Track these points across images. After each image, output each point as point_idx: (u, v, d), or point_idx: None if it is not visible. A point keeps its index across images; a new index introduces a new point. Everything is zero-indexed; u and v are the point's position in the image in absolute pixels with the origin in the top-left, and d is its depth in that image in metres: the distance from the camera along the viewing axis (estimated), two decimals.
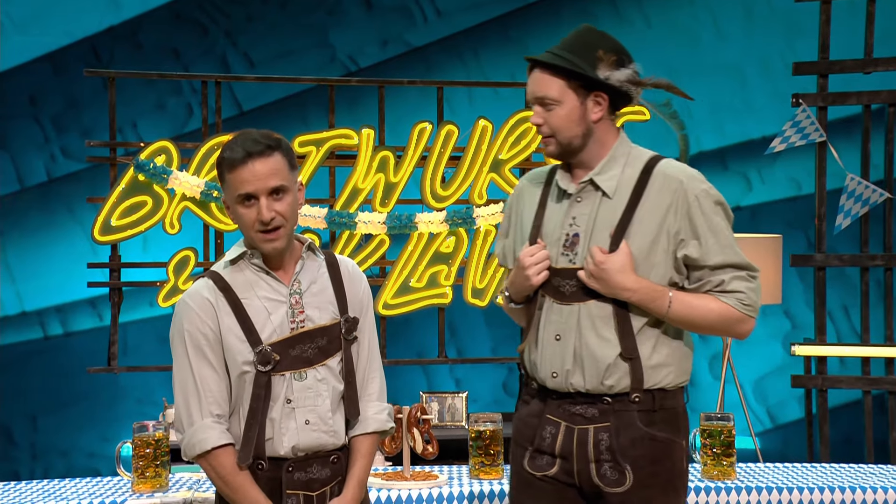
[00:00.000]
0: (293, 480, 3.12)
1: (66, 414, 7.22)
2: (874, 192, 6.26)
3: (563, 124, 3.25)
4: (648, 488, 3.22)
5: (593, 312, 3.22)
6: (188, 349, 3.11)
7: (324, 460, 3.15)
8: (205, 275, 3.19)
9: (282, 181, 3.07)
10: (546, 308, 3.28)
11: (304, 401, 3.12)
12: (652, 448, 3.22)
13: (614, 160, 3.28)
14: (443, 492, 4.00)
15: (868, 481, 4.14)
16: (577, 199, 3.28)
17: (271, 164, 3.06)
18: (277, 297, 3.13)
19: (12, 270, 7.25)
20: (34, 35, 7.24)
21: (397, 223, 6.25)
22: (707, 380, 7.55)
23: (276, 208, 3.06)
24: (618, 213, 3.23)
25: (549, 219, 3.32)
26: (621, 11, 7.65)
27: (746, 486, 4.05)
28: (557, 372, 3.25)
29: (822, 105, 6.39)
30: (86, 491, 3.99)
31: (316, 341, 3.14)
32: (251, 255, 3.14)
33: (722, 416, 4.18)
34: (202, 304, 3.11)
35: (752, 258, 5.83)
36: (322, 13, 7.53)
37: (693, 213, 3.22)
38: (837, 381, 6.40)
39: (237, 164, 3.05)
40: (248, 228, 3.09)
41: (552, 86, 3.24)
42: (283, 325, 3.11)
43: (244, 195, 3.06)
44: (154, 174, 5.99)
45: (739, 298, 3.25)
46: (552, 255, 3.27)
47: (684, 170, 3.30)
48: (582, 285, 3.22)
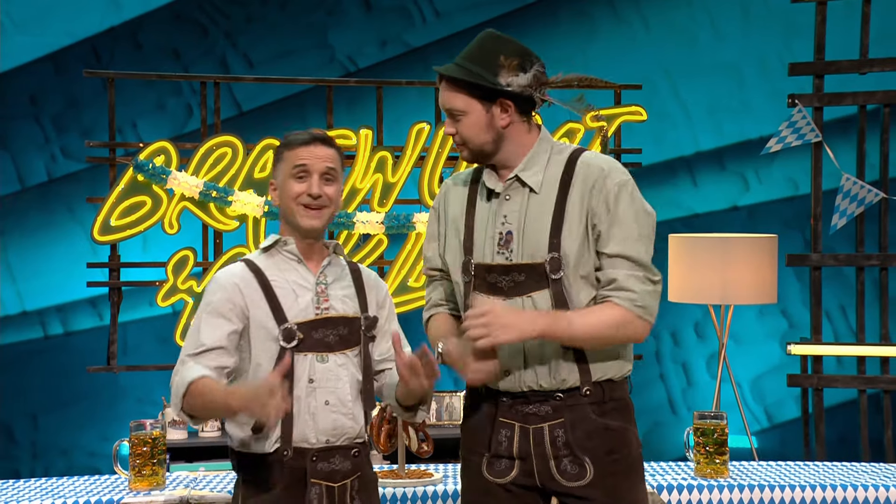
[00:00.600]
0: (317, 470, 3.24)
1: (67, 413, 7.25)
2: (869, 192, 6.29)
3: (471, 133, 3.25)
4: (610, 476, 3.24)
5: (535, 306, 3.22)
6: (203, 312, 3.27)
7: (345, 452, 3.28)
8: (239, 260, 3.37)
9: (335, 167, 3.31)
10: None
11: (325, 382, 3.26)
12: (608, 438, 3.25)
13: (536, 156, 3.29)
14: (437, 490, 4.03)
15: (860, 479, 4.17)
16: (505, 198, 3.28)
17: (330, 152, 3.31)
18: (305, 284, 3.30)
19: (13, 270, 7.29)
20: (35, 35, 7.27)
21: (395, 223, 6.28)
22: (704, 379, 7.58)
23: (325, 189, 3.28)
24: (547, 207, 3.24)
25: (479, 218, 3.32)
26: (619, 12, 7.67)
27: (739, 485, 4.08)
28: (510, 370, 3.25)
29: (818, 105, 6.42)
30: (83, 489, 4.03)
31: (338, 329, 3.29)
32: (283, 243, 3.31)
33: (715, 415, 4.21)
34: (231, 281, 3.28)
35: (748, 258, 5.90)
36: (321, 14, 7.56)
37: (609, 200, 3.22)
38: (833, 381, 6.43)
39: (299, 144, 3.29)
40: (293, 200, 3.27)
41: (456, 98, 3.23)
42: (308, 310, 3.27)
43: (301, 167, 3.27)
44: (153, 174, 6.03)
45: (632, 299, 3.21)
46: (486, 254, 3.27)
47: (607, 160, 3.30)
48: (521, 279, 3.22)
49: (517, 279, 3.24)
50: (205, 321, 3.25)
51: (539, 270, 3.22)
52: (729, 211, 7.65)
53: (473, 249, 3.30)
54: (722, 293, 5.95)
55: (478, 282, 3.28)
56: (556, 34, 7.54)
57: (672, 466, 4.37)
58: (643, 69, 7.40)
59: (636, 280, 3.22)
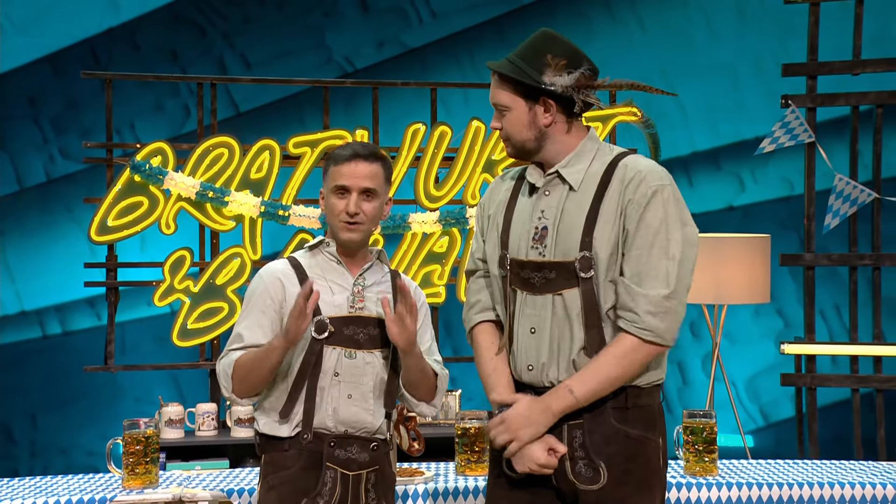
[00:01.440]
0: (333, 456, 3.43)
1: (66, 412, 7.29)
2: (862, 193, 6.32)
3: (514, 129, 3.32)
4: (622, 486, 3.23)
5: (566, 304, 3.24)
6: (246, 308, 3.53)
7: (364, 443, 3.46)
8: (282, 257, 3.64)
9: (375, 185, 3.49)
10: (520, 301, 3.31)
11: (350, 377, 3.45)
12: (626, 445, 3.23)
13: (581, 155, 3.31)
14: (428, 488, 4.06)
15: (848, 477, 4.20)
16: (544, 192, 3.32)
17: (371, 168, 3.49)
18: (343, 283, 3.52)
19: (12, 270, 7.33)
20: (33, 36, 7.31)
21: (391, 223, 6.31)
22: (700, 378, 7.61)
23: (362, 206, 3.48)
24: (584, 205, 3.25)
25: (518, 213, 3.36)
26: (615, 13, 7.70)
27: (728, 483, 4.12)
28: (533, 365, 3.28)
29: (811, 106, 6.44)
30: (77, 487, 4.06)
31: (369, 328, 3.48)
32: (327, 244, 3.55)
33: (704, 413, 4.24)
34: (273, 277, 3.52)
35: (741, 258, 5.93)
36: (319, 15, 7.60)
37: (640, 204, 3.20)
38: (826, 380, 6.45)
39: (342, 160, 3.49)
40: (335, 217, 3.49)
41: (502, 93, 3.32)
42: (343, 307, 3.48)
43: (340, 186, 3.48)
44: (150, 175, 6.06)
45: (634, 321, 3.19)
46: (521, 248, 3.30)
47: (649, 163, 3.28)
48: (552, 276, 3.25)
49: (548, 276, 3.26)
50: (245, 316, 3.50)
51: (570, 268, 3.23)
52: (725, 211, 7.69)
53: (510, 244, 3.35)
54: (715, 293, 5.98)
55: (512, 276, 3.33)
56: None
57: None
58: (639, 70, 7.42)
59: (644, 300, 3.18)
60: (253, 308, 3.50)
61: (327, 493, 3.41)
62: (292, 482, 3.42)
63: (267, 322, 3.48)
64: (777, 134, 6.42)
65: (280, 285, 3.49)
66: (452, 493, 4.05)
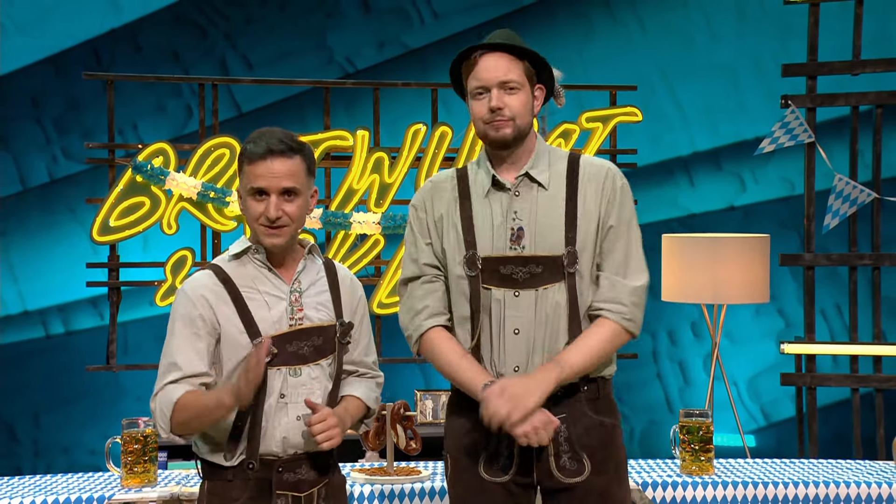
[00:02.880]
0: (282, 481, 3.18)
1: (68, 411, 7.32)
2: (862, 193, 6.33)
3: (522, 110, 3.29)
4: (603, 474, 3.30)
5: (549, 299, 3.26)
6: (174, 330, 3.17)
7: (312, 461, 3.22)
8: (206, 266, 3.25)
9: (295, 184, 3.16)
10: (497, 302, 3.28)
11: (297, 397, 3.18)
12: (602, 434, 3.32)
13: (540, 155, 3.36)
14: (425, 486, 4.08)
15: (844, 476, 4.21)
16: (514, 194, 3.32)
17: (289, 165, 3.14)
18: (278, 294, 3.21)
19: (14, 270, 7.35)
20: (36, 37, 7.33)
21: (392, 223, 6.33)
22: (700, 377, 7.62)
23: (284, 208, 3.15)
24: (559, 203, 3.30)
25: (480, 212, 3.32)
26: (615, 13, 7.72)
27: (723, 481, 4.13)
28: (520, 366, 3.28)
29: (811, 106, 6.45)
30: (76, 486, 4.08)
31: (312, 340, 3.21)
32: (255, 251, 3.23)
33: (700, 413, 4.26)
34: (199, 294, 3.16)
35: (740, 258, 5.94)
36: (320, 15, 7.61)
37: (613, 201, 3.32)
38: (826, 379, 6.46)
39: (256, 159, 3.14)
40: (254, 220, 3.17)
41: (515, 69, 3.27)
42: (282, 321, 3.19)
43: (256, 189, 3.15)
44: (151, 175, 6.08)
45: (622, 313, 3.29)
46: (498, 247, 3.28)
47: (605, 161, 3.40)
48: (538, 270, 3.26)
49: (534, 271, 3.27)
50: (178, 340, 3.15)
51: (557, 263, 3.26)
52: (725, 211, 7.70)
53: (477, 243, 3.30)
54: (714, 293, 5.99)
55: (487, 275, 3.29)
56: (553, 35, 7.59)
57: (658, 464, 4.42)
58: (639, 70, 7.45)
59: (629, 291, 3.29)
60: (183, 331, 3.15)
61: None
62: None
63: (202, 345, 3.15)
64: (777, 134, 6.43)
65: (207, 304, 3.15)
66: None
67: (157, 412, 3.17)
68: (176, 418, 3.12)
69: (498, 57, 3.26)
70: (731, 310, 6.44)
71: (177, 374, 3.14)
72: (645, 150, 6.79)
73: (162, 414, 3.15)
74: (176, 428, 3.15)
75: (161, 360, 3.20)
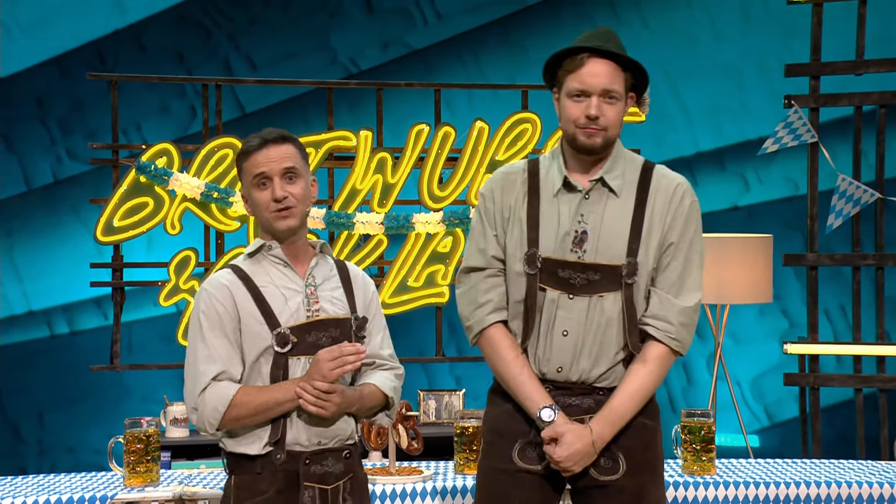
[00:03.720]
0: (310, 473, 3.26)
1: (73, 411, 7.33)
2: (865, 193, 6.33)
3: (616, 121, 3.28)
4: (639, 475, 3.33)
5: (603, 307, 3.28)
6: (202, 326, 3.27)
7: (337, 455, 3.31)
8: (224, 267, 3.37)
9: (294, 164, 3.30)
10: (551, 302, 3.30)
11: None
12: (642, 436, 3.35)
13: (617, 160, 3.35)
14: (427, 486, 4.09)
15: (845, 476, 4.21)
16: (585, 197, 3.31)
17: (284, 150, 3.30)
18: (294, 287, 3.33)
19: (19, 270, 7.37)
20: (40, 38, 7.35)
21: (395, 223, 6.33)
22: (704, 378, 7.62)
23: (288, 189, 3.29)
24: (626, 211, 3.30)
25: (547, 211, 3.33)
26: (619, 13, 7.72)
27: (725, 482, 4.13)
28: (563, 367, 3.31)
29: (814, 106, 6.45)
30: (79, 485, 4.10)
31: (329, 331, 3.31)
32: (269, 248, 3.35)
33: (702, 413, 4.26)
34: (220, 290, 3.29)
35: (743, 258, 5.94)
36: (323, 16, 7.63)
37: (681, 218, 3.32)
38: (829, 380, 6.46)
39: (253, 151, 3.31)
40: (264, 209, 3.30)
41: (619, 80, 3.27)
42: (300, 312, 3.30)
43: (259, 175, 3.29)
44: (155, 176, 6.09)
45: (668, 332, 3.33)
46: (559, 250, 3.29)
47: (678, 175, 3.40)
48: (596, 278, 3.27)
49: (592, 278, 3.28)
50: (210, 336, 3.25)
51: (616, 272, 3.27)
52: (729, 211, 7.70)
53: (539, 242, 3.31)
54: (717, 293, 6.00)
55: (545, 276, 3.30)
56: (557, 35, 7.59)
57: None
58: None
59: (678, 311, 3.32)
60: (210, 327, 3.26)
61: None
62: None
63: (230, 341, 3.26)
64: (780, 134, 6.43)
65: (229, 297, 3.27)
66: (451, 492, 4.08)
67: (207, 409, 3.23)
68: (230, 415, 3.21)
69: (605, 64, 3.25)
70: (735, 310, 6.45)
71: (216, 370, 3.24)
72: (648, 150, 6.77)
73: (214, 410, 3.22)
74: (226, 424, 3.24)
75: (191, 358, 3.28)
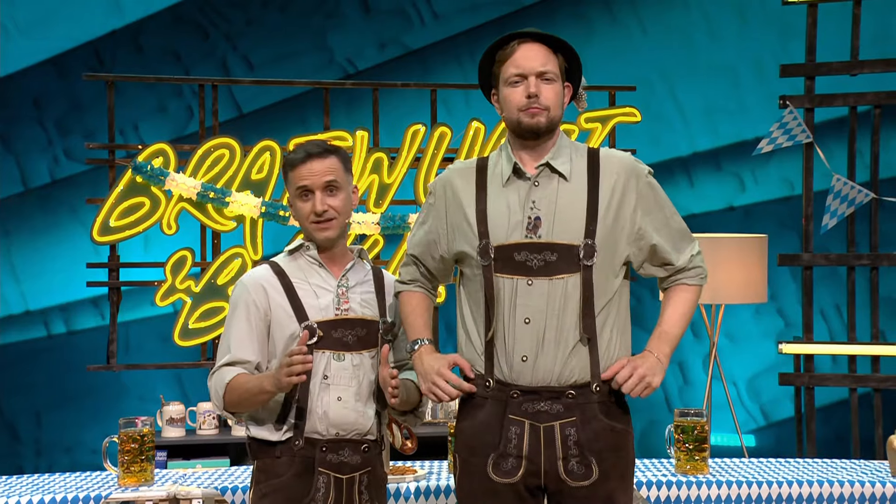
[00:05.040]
0: (325, 461, 3.42)
1: (70, 411, 7.34)
2: (860, 193, 6.34)
3: (556, 101, 3.36)
4: (610, 480, 3.30)
5: (563, 291, 3.27)
6: (232, 315, 3.51)
7: (355, 446, 3.46)
8: (263, 262, 3.59)
9: (335, 178, 3.48)
10: (512, 291, 3.30)
11: (339, 379, 3.45)
12: (613, 439, 3.32)
13: (562, 147, 3.39)
14: (420, 486, 4.10)
15: (838, 475, 4.22)
16: (534, 184, 3.34)
17: (327, 163, 3.48)
18: (326, 286, 3.51)
19: (16, 270, 7.38)
20: (38, 39, 7.36)
21: (391, 224, 6.35)
22: (700, 377, 7.63)
23: (329, 202, 3.47)
24: (580, 195, 3.32)
25: (495, 202, 3.35)
26: (615, 14, 7.73)
27: (717, 481, 4.15)
28: (528, 356, 3.28)
29: (809, 107, 6.47)
30: (73, 485, 4.11)
31: (356, 330, 3.48)
32: (307, 248, 3.54)
33: (695, 412, 4.28)
34: (256, 282, 3.51)
35: (738, 258, 5.97)
36: (320, 16, 7.63)
37: (644, 190, 3.39)
38: (824, 379, 6.48)
39: (297, 163, 3.49)
40: (305, 220, 3.50)
41: (553, 61, 3.35)
42: (329, 309, 3.48)
43: (302, 188, 3.48)
44: (151, 176, 6.11)
45: (700, 275, 3.49)
46: (513, 237, 3.31)
47: (626, 153, 3.47)
48: (552, 258, 3.28)
49: (549, 259, 3.28)
50: (234, 327, 3.49)
51: (573, 252, 3.28)
52: (725, 211, 7.71)
53: (489, 233, 3.32)
54: (712, 293, 6.01)
55: (500, 264, 3.30)
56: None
57: (653, 463, 4.45)
58: (639, 70, 7.46)
59: (696, 257, 3.47)
60: (239, 318, 3.49)
61: (321, 499, 3.41)
62: (285, 490, 3.43)
63: (254, 333, 3.48)
64: (775, 134, 6.45)
65: (263, 292, 3.49)
66: (444, 492, 4.09)
67: (213, 391, 3.49)
68: (227, 398, 3.44)
69: (538, 47, 3.34)
70: (731, 309, 6.46)
71: (229, 358, 3.47)
72: (644, 151, 6.80)
73: (216, 393, 3.47)
74: (228, 406, 3.47)
75: (220, 343, 3.55)
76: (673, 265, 3.44)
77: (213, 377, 3.49)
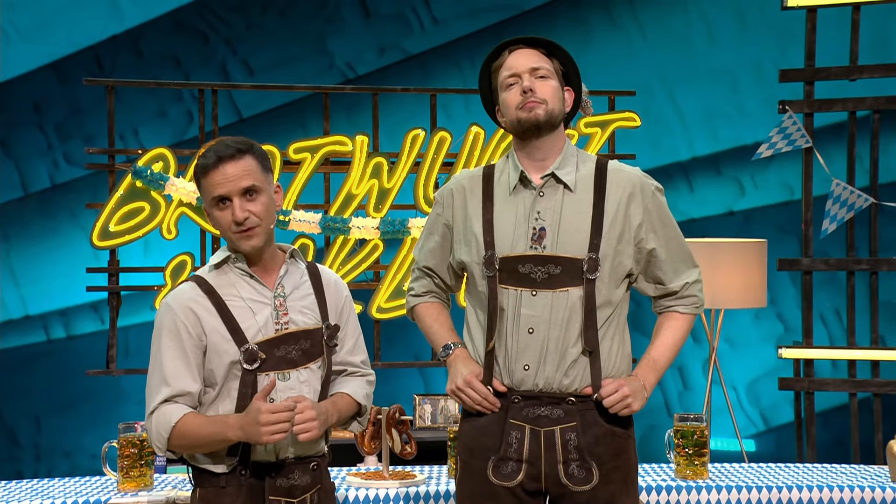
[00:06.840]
0: (275, 487, 3.19)
1: (70, 415, 7.35)
2: (859, 198, 6.35)
3: (554, 95, 3.34)
4: (611, 483, 3.31)
5: (566, 303, 3.28)
6: (161, 344, 3.18)
7: (304, 467, 3.23)
8: (188, 279, 3.25)
9: (254, 181, 3.15)
10: (514, 301, 3.31)
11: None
12: (614, 444, 3.33)
13: (568, 157, 3.38)
14: (420, 491, 4.10)
15: (837, 480, 4.22)
16: (539, 194, 3.34)
17: (242, 165, 3.14)
18: (261, 299, 3.21)
19: (16, 275, 7.39)
20: (38, 44, 7.37)
21: (391, 228, 6.35)
22: (700, 382, 7.63)
23: (249, 208, 3.15)
24: (585, 207, 3.32)
25: (502, 212, 3.35)
26: (615, 18, 7.74)
27: (717, 486, 4.15)
28: (530, 365, 3.29)
29: (809, 112, 6.47)
30: (72, 490, 4.11)
31: (300, 343, 3.21)
32: (235, 259, 3.22)
33: (695, 417, 4.27)
34: (183, 305, 3.17)
35: (737, 263, 5.96)
36: (320, 21, 7.64)
37: (650, 206, 3.38)
38: (824, 384, 6.48)
39: (209, 169, 3.14)
40: (226, 230, 3.17)
41: (546, 62, 3.36)
42: (268, 326, 3.18)
43: (218, 197, 3.15)
44: (151, 180, 6.11)
45: (695, 304, 3.47)
46: (517, 248, 3.32)
47: (634, 168, 3.46)
48: (556, 271, 3.28)
49: (553, 271, 3.28)
50: (165, 356, 3.16)
51: (577, 266, 3.28)
52: (725, 216, 7.72)
53: (495, 243, 3.33)
54: (712, 297, 6.01)
55: (505, 275, 3.30)
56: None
57: (653, 468, 4.45)
58: (639, 75, 7.46)
59: (694, 285, 3.44)
60: (169, 345, 3.16)
61: None
62: None
63: (190, 360, 3.15)
64: (774, 139, 6.45)
65: (194, 316, 3.15)
66: (444, 497, 4.08)
67: (153, 432, 3.17)
68: (173, 442, 3.15)
69: (529, 51, 3.36)
70: (731, 314, 6.45)
71: (168, 392, 3.15)
72: (644, 156, 6.81)
73: (158, 435, 3.15)
74: (172, 448, 3.18)
75: (149, 375, 3.21)
76: (664, 285, 3.43)
77: (154, 417, 3.14)
